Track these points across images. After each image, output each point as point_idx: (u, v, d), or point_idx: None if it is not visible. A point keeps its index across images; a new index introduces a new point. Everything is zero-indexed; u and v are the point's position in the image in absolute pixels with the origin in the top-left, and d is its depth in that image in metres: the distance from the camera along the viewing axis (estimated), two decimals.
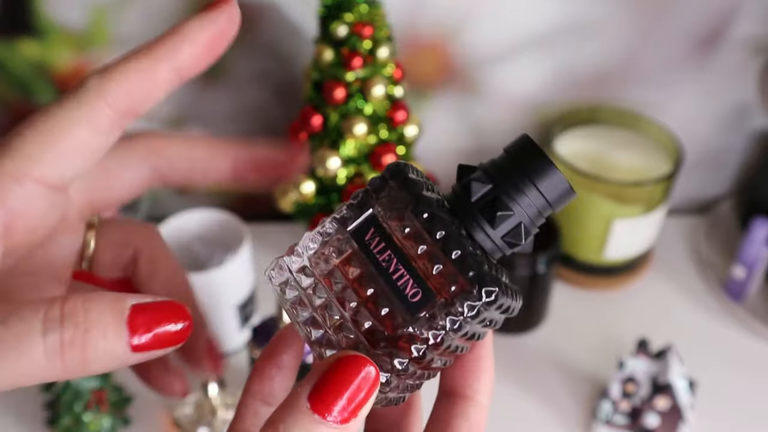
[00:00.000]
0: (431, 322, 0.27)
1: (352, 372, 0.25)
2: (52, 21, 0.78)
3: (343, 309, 0.28)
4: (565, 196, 0.29)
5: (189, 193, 0.93)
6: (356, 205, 0.29)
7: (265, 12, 0.79)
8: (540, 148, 0.29)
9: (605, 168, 0.80)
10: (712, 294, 0.85)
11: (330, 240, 0.29)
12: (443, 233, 0.27)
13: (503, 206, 0.28)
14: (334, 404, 0.24)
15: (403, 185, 0.28)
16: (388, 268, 0.27)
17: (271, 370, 0.30)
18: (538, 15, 0.80)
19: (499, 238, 0.28)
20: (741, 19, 0.82)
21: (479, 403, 0.29)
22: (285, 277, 0.29)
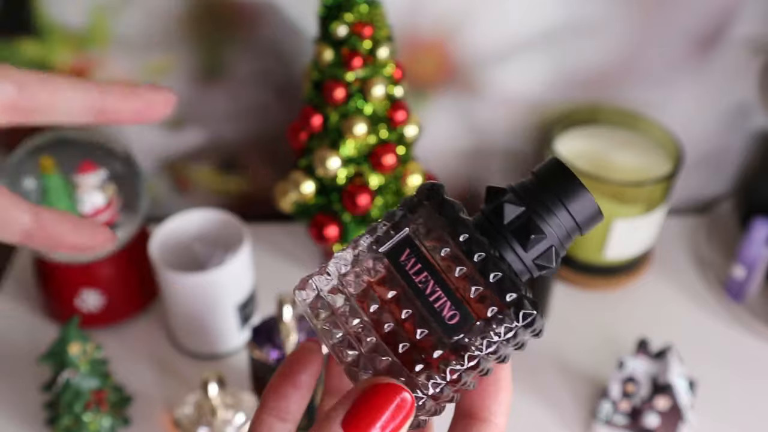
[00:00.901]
0: (468, 344, 0.27)
1: (387, 398, 0.25)
2: (52, 21, 0.78)
3: (379, 331, 0.27)
4: (595, 219, 0.29)
5: (189, 192, 0.93)
6: (391, 225, 0.28)
7: (265, 12, 0.79)
8: (571, 170, 0.29)
9: (605, 168, 0.80)
10: (712, 294, 0.85)
11: (363, 260, 0.28)
12: (482, 255, 0.27)
13: (536, 229, 0.28)
14: (368, 431, 0.24)
15: (440, 207, 0.28)
16: (425, 289, 0.27)
17: (287, 389, 0.30)
18: (538, 15, 0.80)
19: (531, 261, 0.28)
20: (741, 19, 0.82)
21: (496, 426, 0.29)
22: (315, 297, 0.29)
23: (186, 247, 0.78)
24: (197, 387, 0.74)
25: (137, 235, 0.80)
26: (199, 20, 0.79)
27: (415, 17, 0.79)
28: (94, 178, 0.75)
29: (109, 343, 0.78)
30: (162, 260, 0.74)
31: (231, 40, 0.81)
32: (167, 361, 0.77)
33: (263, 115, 0.87)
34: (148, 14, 0.78)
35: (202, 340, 0.76)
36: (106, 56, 0.81)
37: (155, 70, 0.82)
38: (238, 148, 0.89)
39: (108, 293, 0.78)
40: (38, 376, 0.75)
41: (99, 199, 0.75)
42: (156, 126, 0.87)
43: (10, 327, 0.81)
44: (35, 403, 0.73)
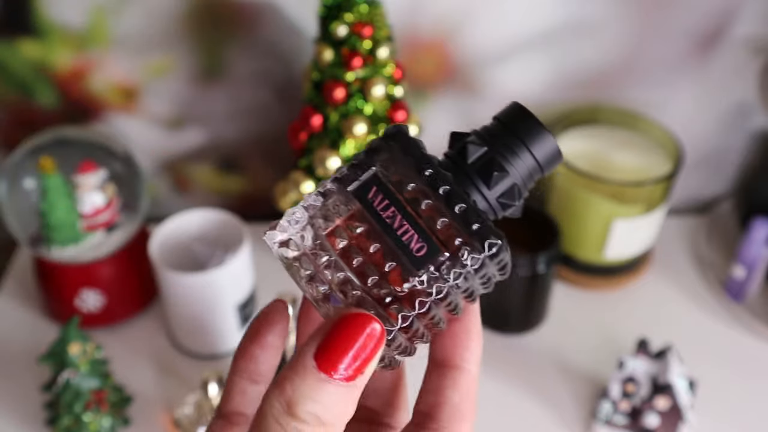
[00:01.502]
0: (436, 275, 0.27)
1: (357, 329, 0.25)
2: (52, 21, 0.78)
3: (348, 266, 0.28)
4: (555, 159, 0.30)
5: (189, 192, 0.93)
6: (357, 165, 0.29)
7: (265, 12, 0.79)
8: (531, 113, 0.29)
9: (605, 168, 0.80)
10: (712, 294, 0.85)
11: (331, 200, 0.29)
12: (447, 188, 0.28)
13: (499, 167, 0.29)
14: (339, 362, 0.24)
15: (405, 146, 0.29)
16: (392, 224, 0.28)
17: (254, 350, 0.30)
18: (538, 15, 0.80)
19: (494, 199, 0.29)
20: (741, 19, 0.82)
21: (469, 372, 0.30)
22: (285, 237, 0.29)
23: (186, 247, 0.78)
24: (197, 387, 0.74)
25: (137, 235, 0.80)
26: (199, 20, 0.79)
27: (415, 17, 0.79)
28: (94, 178, 0.75)
29: (109, 343, 0.78)
30: (162, 260, 0.74)
31: (231, 40, 0.81)
32: (167, 361, 0.77)
33: (263, 115, 0.87)
34: (148, 14, 0.78)
35: (202, 340, 0.76)
36: (106, 56, 0.81)
37: (155, 70, 0.82)
38: (238, 148, 0.89)
39: (108, 293, 0.78)
40: (38, 376, 0.75)
41: (99, 199, 0.75)
42: (156, 126, 0.87)
43: (10, 327, 0.81)
44: (35, 403, 0.73)
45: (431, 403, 0.29)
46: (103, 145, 0.77)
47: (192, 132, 0.88)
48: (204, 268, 0.77)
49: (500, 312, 0.79)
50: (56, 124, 0.86)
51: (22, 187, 0.75)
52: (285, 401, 0.24)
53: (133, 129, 0.87)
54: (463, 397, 0.29)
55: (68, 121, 0.86)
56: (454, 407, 0.29)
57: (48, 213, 0.73)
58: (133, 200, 0.78)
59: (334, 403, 0.24)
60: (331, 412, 0.24)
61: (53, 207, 0.72)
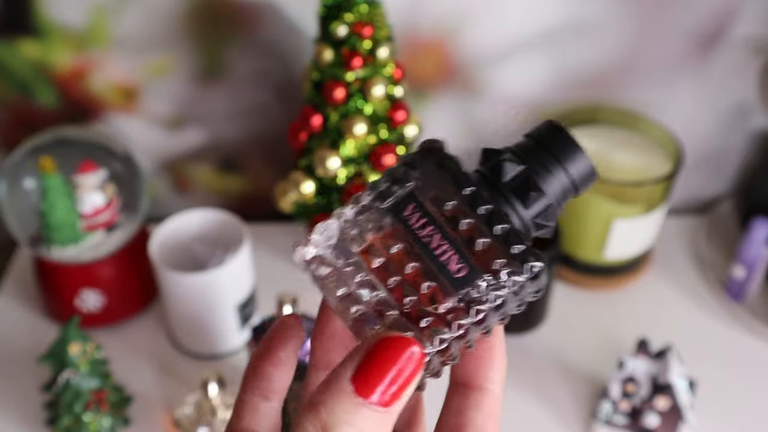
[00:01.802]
0: (476, 297, 0.26)
1: (397, 352, 0.24)
2: (52, 21, 0.78)
3: (384, 285, 0.27)
4: (590, 178, 0.29)
5: (189, 192, 0.93)
6: (393, 181, 0.28)
7: (265, 12, 0.79)
8: (566, 130, 0.29)
9: (605, 168, 0.80)
10: (712, 294, 0.85)
11: (365, 216, 0.28)
12: (488, 208, 0.27)
13: (536, 187, 0.28)
14: (377, 386, 0.24)
15: (442, 162, 0.28)
16: (430, 243, 0.27)
17: (267, 368, 0.30)
18: (538, 15, 0.80)
19: (530, 219, 0.28)
20: (741, 19, 0.82)
21: (493, 393, 0.29)
22: (317, 254, 0.28)
23: (186, 247, 0.78)
24: (197, 387, 0.74)
25: (137, 235, 0.80)
26: (199, 20, 0.79)
27: (415, 17, 0.79)
28: (94, 178, 0.75)
29: (109, 343, 0.78)
30: (162, 260, 0.74)
31: (231, 40, 0.81)
32: (167, 361, 0.77)
33: (263, 115, 0.87)
34: (148, 14, 0.78)
35: (202, 340, 0.76)
36: (106, 56, 0.81)
37: (155, 70, 0.82)
38: (238, 148, 0.89)
39: (108, 293, 0.78)
40: (38, 376, 0.75)
41: (99, 199, 0.75)
42: (156, 126, 0.87)
43: (10, 327, 0.81)
44: (35, 403, 0.73)
45: (454, 424, 0.28)
46: (103, 145, 0.77)
47: (192, 132, 0.88)
48: (204, 268, 0.77)
49: None
50: (56, 124, 0.86)
51: (22, 187, 0.75)
52: (320, 426, 0.23)
53: (133, 129, 0.87)
54: (486, 419, 0.28)
55: (68, 121, 0.86)
56: (477, 428, 0.28)
57: (48, 213, 0.73)
58: (133, 200, 0.78)
59: (369, 429, 0.24)
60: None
61: (53, 207, 0.72)
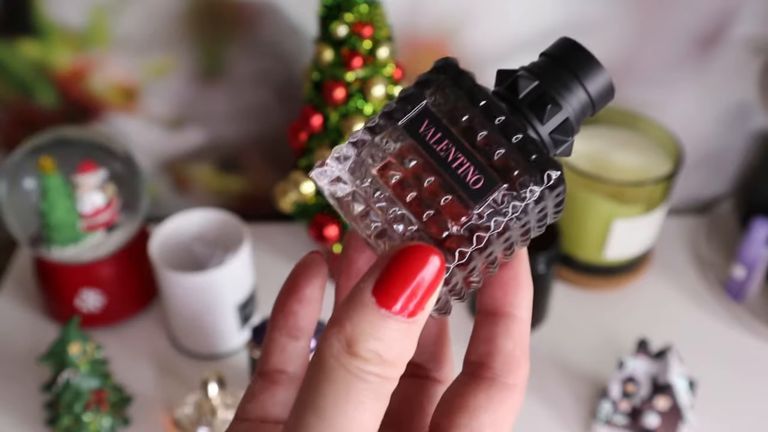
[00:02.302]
0: (495, 208, 0.26)
1: (417, 261, 0.24)
2: (52, 21, 0.78)
3: (402, 201, 0.27)
4: (608, 94, 0.29)
5: (189, 192, 0.93)
6: (406, 98, 0.28)
7: (265, 12, 0.79)
8: (583, 46, 0.29)
9: (605, 168, 0.80)
10: (712, 294, 0.85)
11: (380, 135, 0.28)
12: (503, 119, 0.27)
13: (552, 100, 0.28)
14: (400, 296, 0.23)
15: (456, 77, 0.28)
16: (447, 157, 0.27)
17: (293, 305, 0.29)
18: (538, 15, 0.80)
19: (547, 134, 0.28)
20: (741, 19, 0.82)
21: (521, 320, 0.29)
22: (334, 175, 0.28)
23: (186, 247, 0.78)
24: (197, 387, 0.74)
25: (137, 235, 0.80)
26: (199, 20, 0.79)
27: (415, 17, 0.79)
28: (94, 178, 0.75)
29: (109, 343, 0.78)
30: (162, 260, 0.74)
31: (231, 40, 0.81)
32: (167, 361, 0.77)
33: (263, 115, 0.87)
34: (148, 14, 0.78)
35: (202, 340, 0.76)
36: (106, 56, 0.81)
37: (155, 70, 0.82)
38: (238, 148, 0.89)
39: (108, 293, 0.78)
40: (38, 376, 0.75)
41: (99, 199, 0.75)
42: (156, 126, 0.87)
43: (10, 327, 0.81)
44: (35, 403, 0.73)
45: (484, 352, 0.28)
46: (103, 145, 0.77)
47: (192, 132, 0.88)
48: (204, 268, 0.77)
49: None
50: (56, 124, 0.86)
51: (22, 187, 0.75)
52: (345, 339, 0.23)
53: (133, 129, 0.87)
54: (517, 344, 0.28)
55: (68, 121, 0.86)
56: (508, 355, 0.28)
57: (48, 213, 0.73)
58: (133, 200, 0.78)
59: (396, 340, 0.23)
60: (393, 350, 0.23)
61: (53, 207, 0.72)
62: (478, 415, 0.27)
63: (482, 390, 0.28)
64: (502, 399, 0.28)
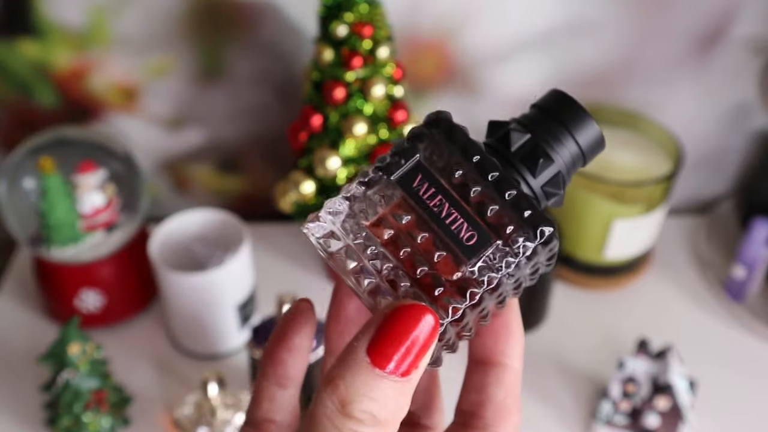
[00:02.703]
0: (488, 264, 0.26)
1: (411, 320, 0.24)
2: (52, 21, 0.78)
3: (395, 256, 0.27)
4: (598, 146, 0.29)
5: (189, 192, 0.93)
6: (399, 152, 0.28)
7: (265, 12, 0.79)
8: (573, 98, 0.29)
9: (605, 168, 0.80)
10: (712, 294, 0.85)
11: (373, 189, 0.28)
12: (496, 175, 0.27)
13: (544, 154, 0.28)
14: (393, 355, 0.23)
15: (448, 132, 0.28)
16: (440, 212, 0.27)
17: (282, 354, 0.29)
18: (538, 15, 0.80)
19: (539, 188, 0.28)
20: (741, 19, 0.82)
21: (512, 368, 0.29)
22: (327, 230, 0.28)
23: (186, 247, 0.78)
24: (197, 387, 0.74)
25: (137, 235, 0.80)
26: (199, 20, 0.79)
27: (415, 17, 0.79)
28: (94, 178, 0.75)
29: (109, 343, 0.78)
30: (162, 260, 0.74)
31: (231, 40, 0.81)
32: (167, 361, 0.77)
33: (263, 115, 0.87)
34: (148, 14, 0.78)
35: (202, 340, 0.76)
36: (106, 56, 0.81)
37: (155, 70, 0.82)
38: (238, 148, 0.89)
39: (108, 293, 0.78)
40: (38, 376, 0.75)
41: (99, 199, 0.75)
42: (156, 126, 0.87)
43: (10, 327, 0.81)
44: (35, 404, 0.73)
45: (475, 401, 0.28)
46: (103, 145, 0.77)
47: (192, 132, 0.88)
48: (204, 268, 0.77)
49: None
50: (56, 124, 0.86)
51: (22, 187, 0.75)
52: (339, 400, 0.23)
53: (133, 129, 0.87)
54: (508, 394, 0.28)
55: (68, 121, 0.86)
56: (499, 404, 0.28)
57: (48, 213, 0.73)
58: (133, 200, 0.78)
59: (389, 399, 0.23)
60: (387, 410, 0.23)
61: (53, 207, 0.72)
62: None
63: None
64: None
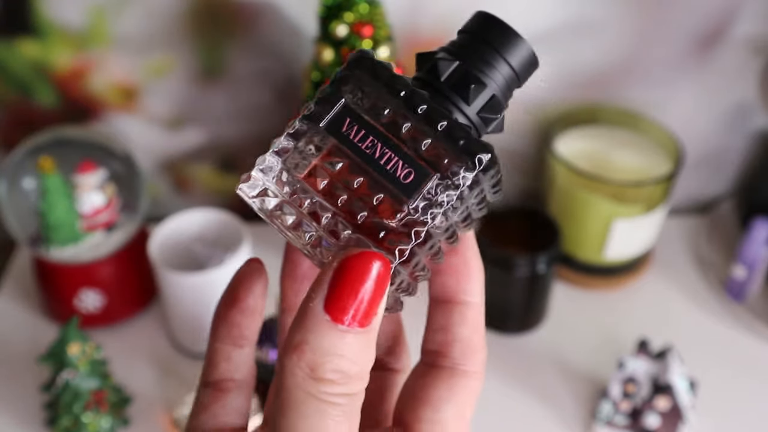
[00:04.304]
0: (430, 200, 0.25)
1: (362, 269, 0.23)
2: (52, 21, 0.78)
3: (333, 205, 0.26)
4: (532, 65, 0.28)
5: (189, 192, 0.93)
6: (324, 99, 0.27)
7: (265, 12, 0.79)
8: (500, 19, 0.28)
9: (605, 168, 0.80)
10: (713, 294, 0.85)
11: (303, 140, 0.27)
12: (425, 107, 0.26)
13: (475, 79, 0.27)
14: (350, 308, 0.23)
15: (372, 70, 0.27)
16: (374, 154, 0.26)
17: (235, 317, 0.29)
18: (538, 15, 0.80)
19: (475, 114, 0.27)
20: (741, 19, 0.82)
21: (475, 305, 0.28)
22: (261, 187, 0.27)
23: (186, 247, 0.78)
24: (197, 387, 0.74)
25: (137, 235, 0.80)
26: (199, 20, 0.79)
27: (415, 17, 0.79)
28: (93, 178, 0.75)
29: (108, 343, 0.78)
30: (162, 260, 0.74)
31: (231, 40, 0.81)
32: (167, 361, 0.77)
33: (263, 115, 0.87)
34: (148, 14, 0.78)
35: (202, 340, 0.76)
36: (106, 56, 0.81)
37: (155, 70, 0.82)
38: (238, 148, 0.89)
39: (108, 293, 0.78)
40: (38, 377, 0.75)
41: (99, 199, 0.75)
42: (156, 126, 0.87)
43: (9, 327, 0.81)
44: (35, 404, 0.73)
45: (441, 341, 0.28)
46: (103, 144, 0.77)
47: (192, 132, 0.88)
48: (204, 268, 0.77)
49: (500, 312, 0.79)
50: (56, 124, 0.85)
51: (22, 187, 0.75)
52: (308, 365, 0.23)
53: (133, 129, 0.87)
54: (473, 331, 0.28)
55: (68, 121, 0.86)
56: (465, 342, 0.28)
57: (47, 213, 0.73)
58: (133, 200, 0.78)
59: (357, 353, 0.23)
60: (356, 364, 0.23)
61: (53, 207, 0.72)
62: (440, 407, 0.27)
63: (442, 381, 0.28)
64: (462, 388, 0.28)
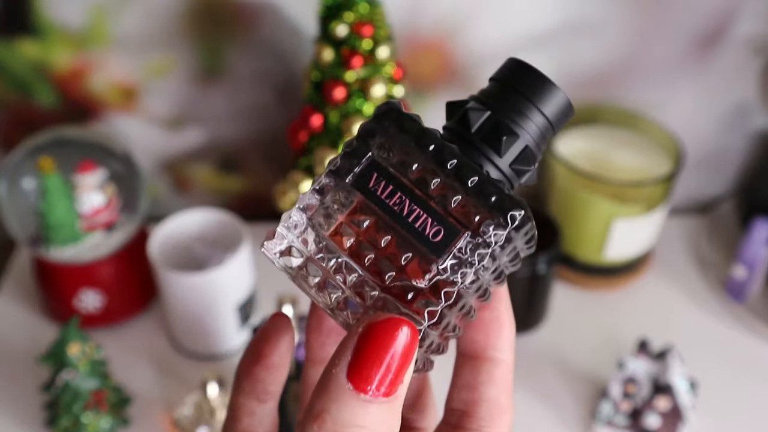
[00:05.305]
0: (460, 259, 0.24)
1: (387, 336, 0.22)
2: (52, 21, 0.78)
3: (360, 265, 0.25)
4: (566, 113, 0.27)
5: (189, 192, 0.93)
6: (351, 153, 0.26)
7: (265, 12, 0.79)
8: (532, 66, 0.26)
9: (605, 168, 0.80)
10: (713, 294, 0.85)
11: (329, 196, 0.26)
12: (454, 162, 0.25)
13: (507, 130, 0.26)
14: (375, 376, 0.22)
15: (400, 123, 0.26)
16: (402, 211, 0.25)
17: (259, 373, 0.28)
18: (538, 15, 0.80)
19: (507, 166, 0.26)
20: (741, 19, 0.82)
21: (504, 363, 0.27)
22: (285, 245, 0.26)
23: (186, 247, 0.78)
24: (197, 387, 0.74)
25: (137, 235, 0.80)
26: (199, 20, 0.79)
27: (415, 17, 0.79)
28: (93, 178, 0.75)
29: (108, 343, 0.78)
30: (162, 260, 0.74)
31: (231, 40, 0.81)
32: (167, 361, 0.77)
33: (263, 115, 0.87)
34: (148, 14, 0.78)
35: (201, 340, 0.76)
36: (106, 56, 0.81)
37: (155, 70, 0.82)
38: (238, 148, 0.89)
39: (108, 293, 0.78)
40: (38, 377, 0.75)
41: (99, 199, 0.75)
42: (156, 126, 0.87)
43: (9, 327, 0.81)
44: (35, 404, 0.73)
45: (467, 399, 0.27)
46: (103, 145, 0.77)
47: (192, 132, 0.88)
48: (204, 268, 0.77)
49: None
50: (56, 124, 0.85)
51: (22, 187, 0.75)
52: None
53: (133, 129, 0.87)
54: (501, 390, 0.27)
55: (68, 121, 0.86)
56: (492, 402, 0.27)
57: (47, 213, 0.72)
58: (133, 200, 0.78)
59: (380, 423, 0.22)
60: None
61: (52, 207, 0.72)
62: None
63: None
64: None
